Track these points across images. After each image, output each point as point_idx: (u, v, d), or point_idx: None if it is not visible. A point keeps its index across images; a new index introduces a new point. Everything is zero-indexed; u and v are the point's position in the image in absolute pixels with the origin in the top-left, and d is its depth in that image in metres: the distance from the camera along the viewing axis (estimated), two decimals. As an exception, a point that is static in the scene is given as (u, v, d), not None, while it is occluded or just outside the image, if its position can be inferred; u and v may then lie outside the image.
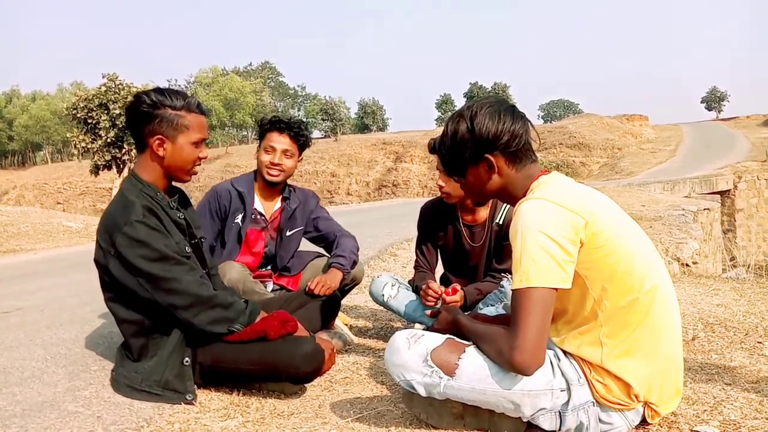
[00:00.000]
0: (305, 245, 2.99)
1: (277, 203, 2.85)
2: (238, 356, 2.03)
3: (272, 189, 2.80)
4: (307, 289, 2.57)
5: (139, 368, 2.02)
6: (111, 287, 2.02)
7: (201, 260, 2.18)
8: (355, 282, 2.86)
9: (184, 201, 2.20)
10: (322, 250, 3.00)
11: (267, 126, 2.76)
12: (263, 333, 2.02)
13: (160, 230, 1.96)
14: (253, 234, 2.81)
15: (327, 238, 2.91)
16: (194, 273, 2.00)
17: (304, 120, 2.76)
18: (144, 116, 1.99)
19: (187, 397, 1.96)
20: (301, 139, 2.74)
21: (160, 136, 2.00)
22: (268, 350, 2.01)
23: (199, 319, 1.96)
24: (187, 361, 2.01)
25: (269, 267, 2.90)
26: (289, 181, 2.88)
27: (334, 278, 2.63)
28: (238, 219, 2.75)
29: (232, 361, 2.03)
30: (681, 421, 1.77)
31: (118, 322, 2.07)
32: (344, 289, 2.82)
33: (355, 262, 2.78)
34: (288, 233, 2.84)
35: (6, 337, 2.81)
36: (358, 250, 2.83)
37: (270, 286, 2.84)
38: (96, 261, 2.02)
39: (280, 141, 2.71)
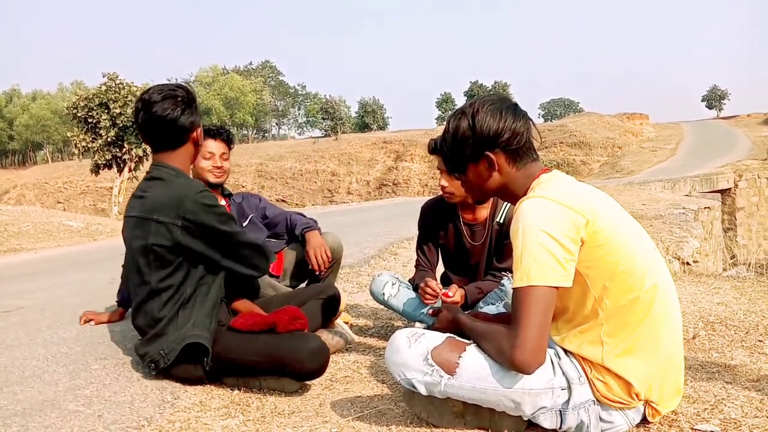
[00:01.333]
0: None
1: (221, 202, 2.96)
2: (245, 346, 2.07)
3: (214, 190, 2.90)
4: (316, 272, 2.75)
5: (168, 337, 2.07)
6: (156, 261, 2.07)
7: None
8: (335, 258, 2.94)
9: None
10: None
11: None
12: (273, 324, 2.09)
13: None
14: None
15: (277, 220, 3.07)
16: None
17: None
18: (185, 116, 2.13)
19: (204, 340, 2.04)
20: (231, 143, 2.95)
21: (197, 127, 2.20)
22: (275, 343, 2.06)
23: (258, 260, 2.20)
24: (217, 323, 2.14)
25: None
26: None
27: (317, 240, 2.79)
28: None
29: (238, 351, 2.07)
30: (682, 419, 1.77)
31: (152, 293, 2.08)
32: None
33: (315, 223, 2.94)
34: (244, 224, 2.98)
35: (7, 336, 2.81)
36: (314, 221, 2.98)
37: None
38: (143, 246, 2.06)
39: (217, 146, 2.84)
